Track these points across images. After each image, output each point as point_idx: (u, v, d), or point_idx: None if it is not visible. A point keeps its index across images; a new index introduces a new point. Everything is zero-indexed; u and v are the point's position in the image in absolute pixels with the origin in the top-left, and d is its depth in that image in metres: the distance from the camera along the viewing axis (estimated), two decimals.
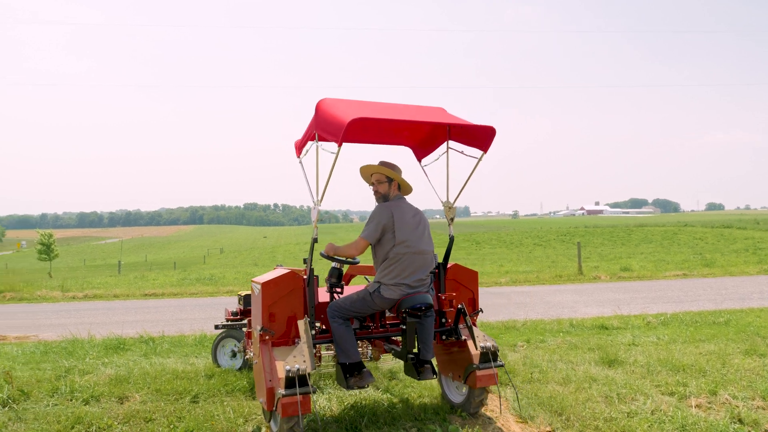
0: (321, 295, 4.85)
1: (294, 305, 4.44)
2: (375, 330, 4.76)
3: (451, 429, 4.46)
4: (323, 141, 4.42)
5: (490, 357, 4.61)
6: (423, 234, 4.58)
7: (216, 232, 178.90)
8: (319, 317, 4.67)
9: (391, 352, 5.02)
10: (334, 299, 4.61)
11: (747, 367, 6.05)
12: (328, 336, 4.55)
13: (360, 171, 4.82)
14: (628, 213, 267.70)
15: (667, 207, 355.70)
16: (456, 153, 4.97)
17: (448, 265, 5.03)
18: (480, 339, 4.68)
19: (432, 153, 5.28)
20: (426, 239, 4.60)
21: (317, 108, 4.42)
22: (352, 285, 5.53)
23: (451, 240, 5.01)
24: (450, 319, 4.89)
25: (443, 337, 4.92)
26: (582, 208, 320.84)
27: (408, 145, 5.47)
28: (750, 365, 6.14)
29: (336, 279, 4.61)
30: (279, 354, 4.23)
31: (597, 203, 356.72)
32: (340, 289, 4.66)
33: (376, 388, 5.61)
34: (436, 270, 4.90)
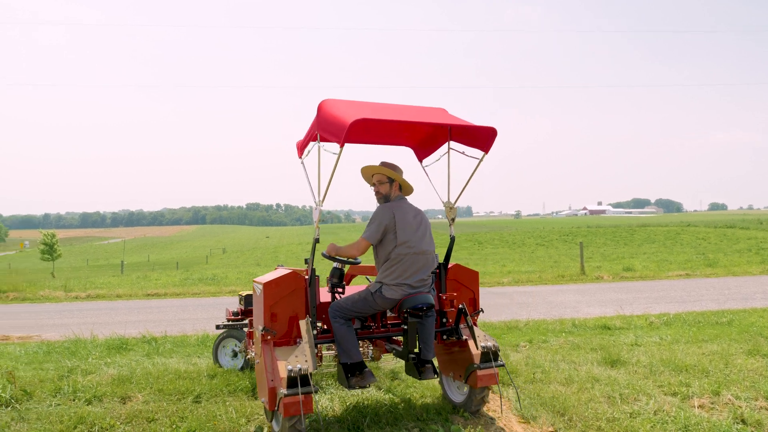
0: (322, 295, 4.87)
1: (295, 305, 4.45)
2: (376, 330, 4.77)
3: (454, 429, 4.46)
4: (325, 142, 4.44)
5: (490, 356, 4.63)
6: (424, 234, 4.59)
7: (218, 232, 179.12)
8: (321, 317, 4.68)
9: (393, 351, 5.03)
10: (335, 299, 4.62)
11: (750, 368, 6.03)
12: (329, 336, 4.56)
13: (361, 172, 4.83)
14: (630, 213, 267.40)
15: (670, 207, 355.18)
16: (457, 153, 4.98)
17: (449, 266, 5.04)
18: (481, 339, 4.69)
19: (433, 154, 5.29)
20: (427, 240, 4.61)
21: (319, 109, 4.43)
22: (352, 285, 5.54)
23: (452, 240, 5.01)
24: (451, 319, 4.90)
25: (444, 337, 4.92)
26: (584, 208, 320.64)
27: (409, 146, 5.48)
28: (753, 365, 6.12)
29: (337, 279, 4.63)
30: (281, 354, 4.24)
31: (599, 203, 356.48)
32: (341, 289, 4.68)
33: (378, 388, 5.61)
34: (437, 270, 4.91)
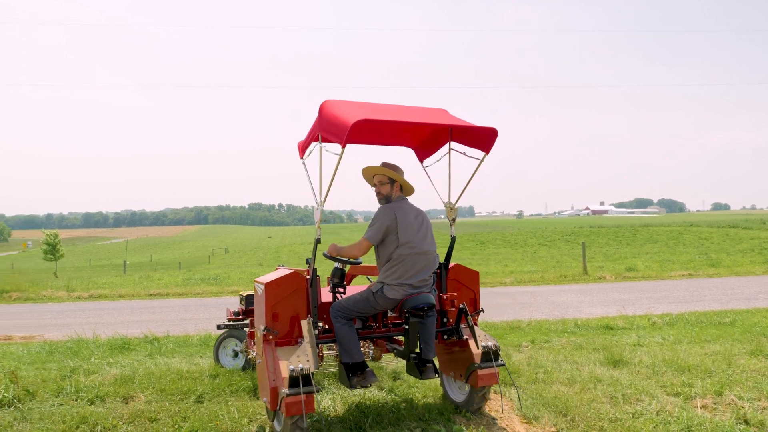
0: (324, 295, 4.88)
1: (297, 305, 4.46)
2: (377, 330, 4.78)
3: (456, 429, 4.46)
4: (326, 142, 4.45)
5: (491, 356, 4.65)
6: (426, 235, 4.60)
7: (221, 232, 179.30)
8: (322, 317, 4.68)
9: (394, 351, 5.04)
10: (336, 299, 4.64)
11: (753, 368, 6.02)
12: (331, 336, 4.57)
13: (362, 172, 4.84)
14: (633, 213, 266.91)
15: (673, 207, 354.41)
16: (458, 154, 4.98)
17: (449, 266, 5.05)
18: (481, 338, 4.71)
19: (434, 154, 5.30)
20: (429, 240, 4.62)
21: (321, 109, 4.44)
22: (353, 285, 5.55)
23: (453, 240, 5.03)
24: (452, 319, 4.91)
25: (445, 337, 4.93)
26: (587, 208, 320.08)
27: (410, 146, 5.49)
28: (756, 366, 6.11)
29: (339, 279, 4.66)
30: (282, 354, 4.25)
31: (602, 203, 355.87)
32: (342, 289, 4.70)
33: (380, 388, 5.61)
34: (437, 270, 4.91)
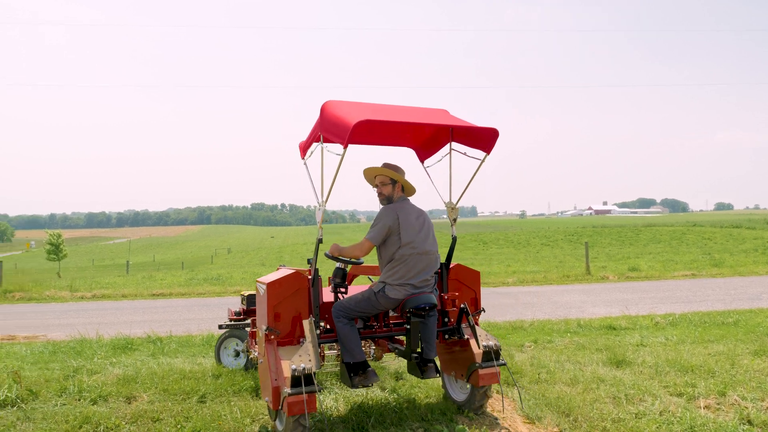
0: (325, 295, 4.89)
1: (299, 305, 4.47)
2: (379, 330, 4.80)
3: (458, 429, 4.45)
4: (328, 143, 4.46)
5: (492, 356, 4.66)
6: (428, 235, 4.62)
7: (223, 232, 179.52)
8: (324, 317, 4.70)
9: (395, 351, 5.06)
10: (338, 299, 4.65)
11: (756, 368, 6.00)
12: (332, 335, 4.59)
13: (363, 173, 4.85)
14: (636, 213, 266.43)
15: (676, 207, 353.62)
16: (458, 154, 4.99)
17: (450, 265, 5.07)
18: (482, 338, 4.73)
19: (435, 154, 5.31)
20: (431, 240, 4.63)
21: (322, 110, 4.45)
22: (354, 285, 5.56)
23: (454, 240, 5.05)
24: (453, 319, 4.92)
25: (446, 337, 4.95)
26: (590, 207, 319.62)
27: (411, 147, 5.51)
28: (759, 366, 6.09)
29: (340, 279, 4.67)
30: (284, 353, 4.25)
31: (605, 203, 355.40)
32: (344, 289, 4.71)
33: (382, 388, 5.61)
34: (438, 270, 4.92)
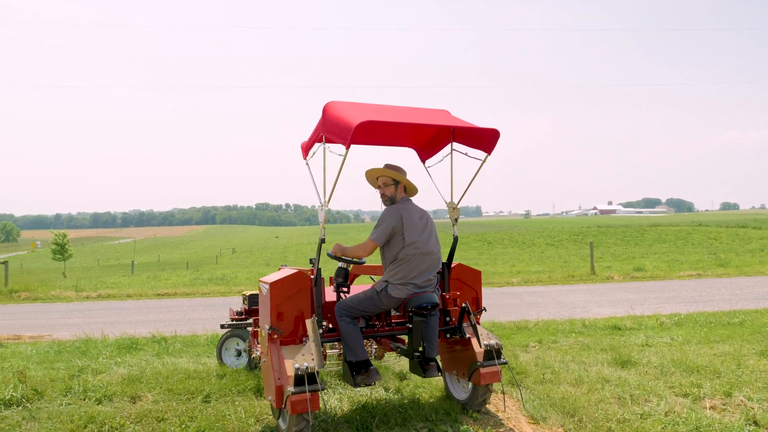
0: (328, 295, 4.91)
1: (302, 304, 4.49)
2: (381, 329, 4.82)
3: (463, 430, 4.45)
4: (330, 143, 4.48)
5: (493, 354, 4.69)
6: (430, 235, 4.65)
7: (228, 232, 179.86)
8: (326, 316, 4.71)
9: (397, 350, 5.09)
10: (340, 299, 4.67)
11: (762, 369, 5.97)
12: (335, 335, 4.62)
13: (365, 175, 4.88)
14: (641, 213, 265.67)
15: (681, 206, 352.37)
16: (459, 154, 5.02)
17: (452, 265, 5.10)
18: (484, 337, 4.75)
19: (436, 155, 5.34)
20: (433, 240, 4.66)
21: (325, 111, 4.47)
22: (355, 285, 5.58)
23: (455, 240, 5.09)
24: (454, 318, 4.94)
25: (447, 336, 4.97)
26: (595, 207, 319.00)
27: (412, 147, 5.53)
28: (765, 366, 6.06)
29: (342, 279, 4.70)
30: (287, 352, 4.27)
31: (610, 203, 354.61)
32: (346, 289, 4.73)
33: (386, 388, 5.60)
34: (440, 270, 4.94)
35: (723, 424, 4.44)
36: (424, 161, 5.43)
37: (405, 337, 5.02)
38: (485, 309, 5.17)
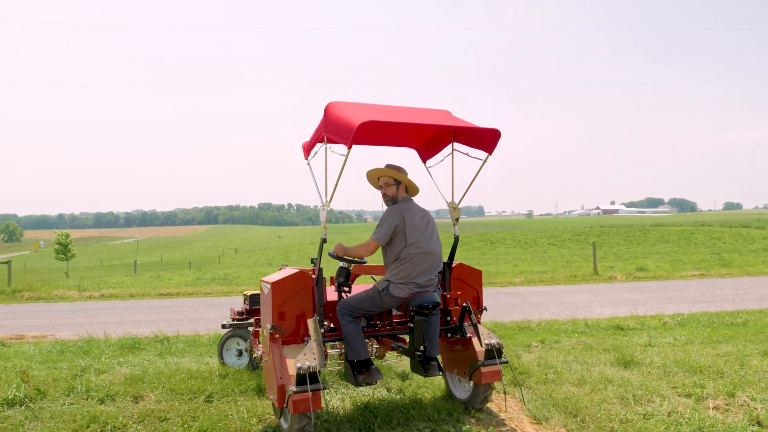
0: (329, 294, 4.92)
1: (303, 304, 4.50)
2: (382, 328, 4.83)
3: (465, 430, 4.45)
4: (332, 143, 4.49)
5: (494, 354, 4.70)
6: (432, 235, 4.66)
7: (230, 232, 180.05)
8: (328, 316, 4.72)
9: (398, 349, 5.10)
10: (342, 298, 4.68)
11: (766, 369, 5.96)
12: (336, 334, 4.63)
13: (367, 175, 4.90)
14: (644, 212, 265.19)
15: (684, 206, 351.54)
16: (460, 154, 5.03)
17: (452, 264, 5.11)
18: (485, 336, 4.77)
19: (437, 155, 5.35)
20: (435, 240, 4.68)
21: (326, 111, 4.49)
22: (355, 284, 5.59)
23: (456, 240, 5.11)
24: (455, 317, 4.96)
25: (448, 335, 4.98)
26: (597, 207, 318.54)
27: (413, 147, 5.55)
28: None
29: (344, 278, 4.71)
30: (289, 352, 4.29)
31: (612, 203, 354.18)
32: (347, 288, 4.75)
33: (388, 388, 5.60)
34: (441, 269, 4.95)
35: (726, 424, 4.43)
36: (425, 161, 5.45)
37: (406, 337, 5.03)
38: (486, 308, 5.19)
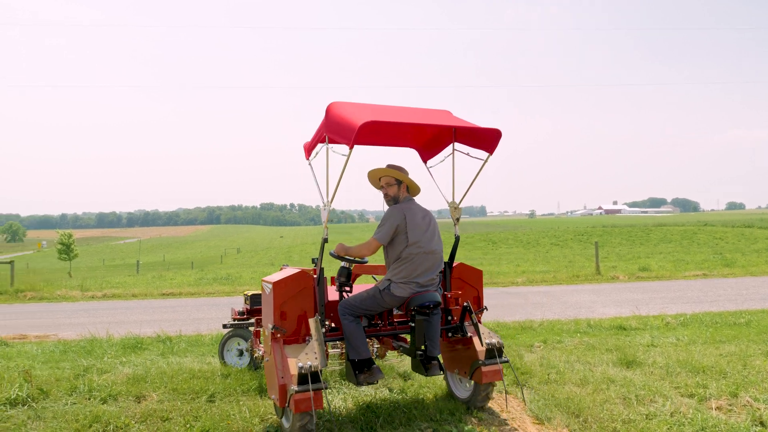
0: (330, 294, 4.94)
1: (304, 304, 4.50)
2: (383, 328, 4.84)
3: (467, 430, 4.44)
4: (333, 143, 4.50)
5: (495, 353, 4.71)
6: (433, 235, 4.67)
7: (233, 232, 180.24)
8: (329, 315, 4.73)
9: (399, 349, 5.10)
10: (343, 298, 4.68)
11: None
12: (338, 334, 4.64)
13: (368, 175, 4.91)
14: (646, 212, 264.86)
15: (687, 206, 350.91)
16: (461, 154, 5.04)
17: (453, 264, 5.12)
18: (485, 336, 4.77)
19: (438, 155, 5.36)
20: (436, 240, 4.68)
21: (328, 111, 4.50)
22: (356, 284, 5.60)
23: (457, 239, 5.13)
24: (456, 317, 4.96)
25: (449, 335, 4.99)
26: (600, 207, 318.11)
27: (414, 147, 5.56)
28: None
29: (345, 278, 4.71)
30: (291, 351, 4.30)
31: (615, 202, 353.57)
32: (348, 288, 4.75)
33: (390, 388, 5.60)
34: (442, 269, 4.95)
35: (729, 424, 4.42)
36: (425, 161, 5.46)
37: (407, 336, 5.04)
38: (486, 308, 5.21)
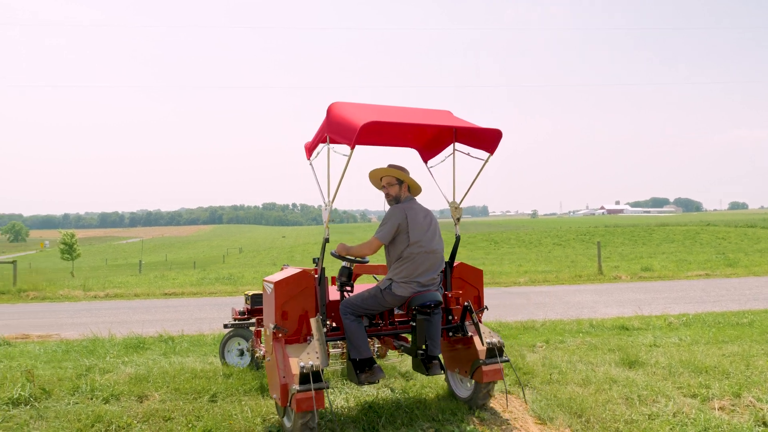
0: (331, 294, 4.94)
1: (306, 303, 4.51)
2: (384, 327, 4.84)
3: (469, 430, 4.44)
4: (335, 143, 4.50)
5: (495, 352, 4.71)
6: (435, 234, 4.68)
7: (235, 231, 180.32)
8: (330, 315, 4.73)
9: (400, 348, 5.11)
10: (344, 297, 4.69)
11: None
12: (339, 333, 4.65)
13: (369, 175, 4.91)
14: (649, 212, 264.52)
15: (689, 206, 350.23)
16: (462, 154, 5.05)
17: (454, 264, 5.12)
18: (486, 335, 4.78)
19: (438, 155, 5.37)
20: (437, 239, 4.69)
21: (329, 112, 4.51)
22: (358, 284, 5.60)
23: (458, 239, 5.14)
24: (456, 316, 4.98)
25: (450, 334, 5.00)
26: (602, 207, 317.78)
27: (415, 147, 5.57)
28: None
29: (346, 278, 4.71)
30: (292, 351, 4.31)
31: (617, 202, 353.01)
32: (350, 288, 4.76)
33: (392, 388, 5.60)
34: (443, 268, 4.95)
35: (732, 425, 4.41)
36: (426, 161, 5.47)
37: (408, 336, 5.06)
38: (487, 308, 5.22)
